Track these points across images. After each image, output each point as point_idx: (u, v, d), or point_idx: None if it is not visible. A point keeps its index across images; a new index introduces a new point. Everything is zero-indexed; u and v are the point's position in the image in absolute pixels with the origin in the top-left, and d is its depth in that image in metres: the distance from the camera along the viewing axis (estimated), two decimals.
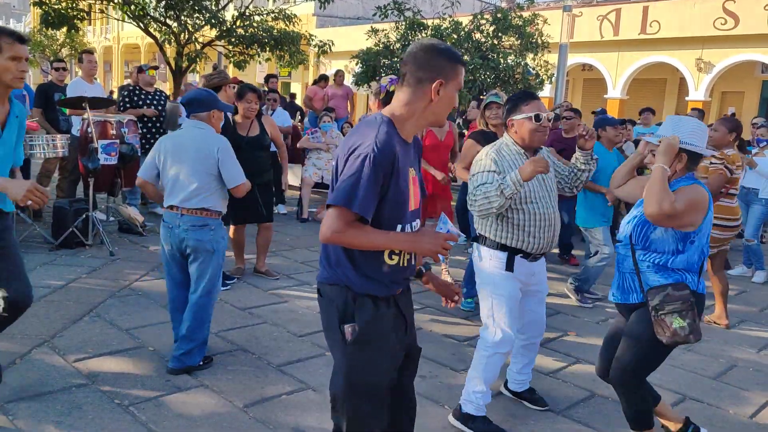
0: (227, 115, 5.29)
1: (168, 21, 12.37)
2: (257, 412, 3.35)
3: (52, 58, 16.98)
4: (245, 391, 3.57)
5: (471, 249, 3.66)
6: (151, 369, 3.77)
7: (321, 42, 12.99)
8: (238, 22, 12.60)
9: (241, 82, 5.77)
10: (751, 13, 14.58)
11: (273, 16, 12.87)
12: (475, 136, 5.02)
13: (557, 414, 3.55)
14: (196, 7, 12.04)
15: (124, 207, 7.09)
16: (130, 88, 7.95)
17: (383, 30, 11.77)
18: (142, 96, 7.78)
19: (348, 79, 14.13)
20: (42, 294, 4.80)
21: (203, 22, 12.33)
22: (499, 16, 11.12)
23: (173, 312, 3.92)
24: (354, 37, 16.77)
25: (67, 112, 7.39)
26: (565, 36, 12.22)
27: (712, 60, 15.97)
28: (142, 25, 12.45)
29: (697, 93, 16.28)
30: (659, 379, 3.87)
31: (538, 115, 3.23)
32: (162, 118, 7.83)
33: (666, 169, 2.81)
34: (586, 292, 5.69)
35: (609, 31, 17.18)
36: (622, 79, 17.74)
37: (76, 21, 11.92)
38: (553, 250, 3.72)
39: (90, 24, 32.37)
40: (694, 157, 2.90)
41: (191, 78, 18.55)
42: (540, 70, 11.50)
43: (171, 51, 13.21)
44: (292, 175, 9.72)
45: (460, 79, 2.16)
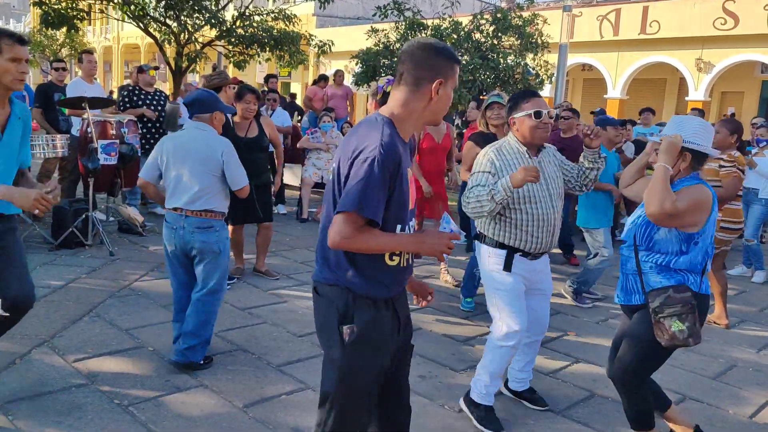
0: (227, 116, 5.29)
1: (168, 21, 12.36)
2: (257, 412, 3.35)
3: (52, 58, 16.95)
4: (245, 391, 3.57)
5: (474, 247, 3.66)
6: (150, 369, 3.77)
7: (321, 42, 12.98)
8: (238, 22, 12.59)
9: (242, 83, 5.78)
10: (750, 13, 14.58)
11: (273, 16, 12.85)
12: (474, 138, 5.05)
13: (557, 414, 3.55)
14: (196, 7, 12.02)
15: (123, 207, 7.10)
16: (130, 88, 7.95)
17: (383, 30, 11.75)
18: (142, 96, 7.79)
19: (348, 79, 14.12)
20: (42, 294, 4.80)
21: (203, 22, 12.32)
22: (498, 16, 11.10)
23: (177, 312, 3.92)
24: (354, 37, 16.76)
25: (66, 112, 7.39)
26: (565, 36, 12.21)
27: (712, 60, 15.98)
28: (141, 25, 12.44)
29: (696, 93, 16.28)
30: (659, 379, 3.83)
31: (538, 111, 3.23)
32: (161, 119, 7.83)
33: (668, 168, 2.80)
34: (585, 292, 5.69)
35: (609, 31, 17.18)
36: (622, 79, 17.74)
37: (75, 21, 11.91)
38: (555, 250, 3.70)
39: (90, 24, 32.37)
40: (699, 156, 2.87)
41: (191, 78, 18.56)
42: (540, 70, 11.48)
43: (171, 51, 13.20)
44: (292, 175, 9.72)
45: (456, 78, 2.17)
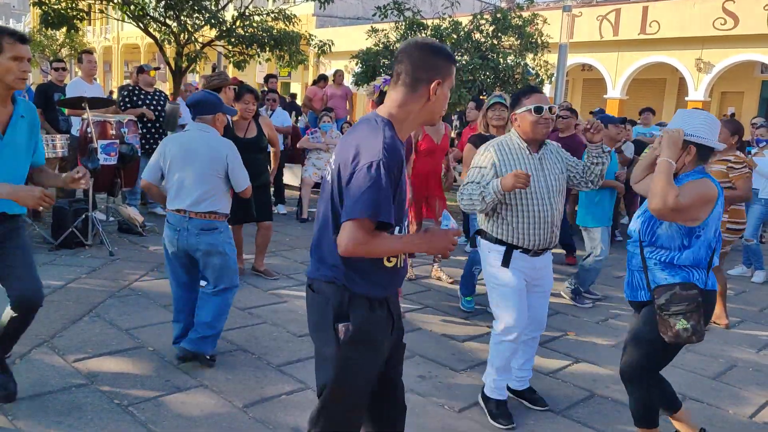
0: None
1: (168, 21, 12.36)
2: (257, 412, 3.35)
3: (52, 58, 16.94)
4: (245, 391, 3.57)
5: (477, 243, 3.67)
6: (150, 369, 3.77)
7: (321, 42, 12.99)
8: (238, 23, 12.59)
9: (242, 83, 5.78)
10: (750, 13, 14.58)
11: (273, 16, 12.86)
12: (473, 140, 5.07)
13: (557, 414, 3.55)
14: (196, 7, 12.02)
15: (123, 207, 7.10)
16: (130, 88, 7.95)
17: (383, 30, 11.75)
18: (142, 96, 7.78)
19: (348, 79, 14.13)
20: None
21: (203, 22, 12.32)
22: (498, 16, 11.10)
23: (177, 312, 3.92)
24: (354, 37, 16.76)
25: (66, 112, 7.39)
26: (565, 36, 12.20)
27: (712, 60, 15.98)
28: (141, 25, 12.44)
29: (696, 93, 16.28)
30: None
31: (538, 107, 3.24)
32: (161, 119, 7.83)
33: (671, 163, 2.78)
34: (585, 292, 5.69)
35: (609, 31, 17.18)
36: (621, 79, 17.74)
37: (75, 21, 11.90)
38: (557, 249, 3.69)
39: (90, 24, 32.36)
40: (704, 150, 2.84)
41: (191, 78, 18.55)
42: (540, 70, 11.49)
43: (171, 51, 13.20)
44: (292, 175, 9.72)
45: (453, 78, 2.17)
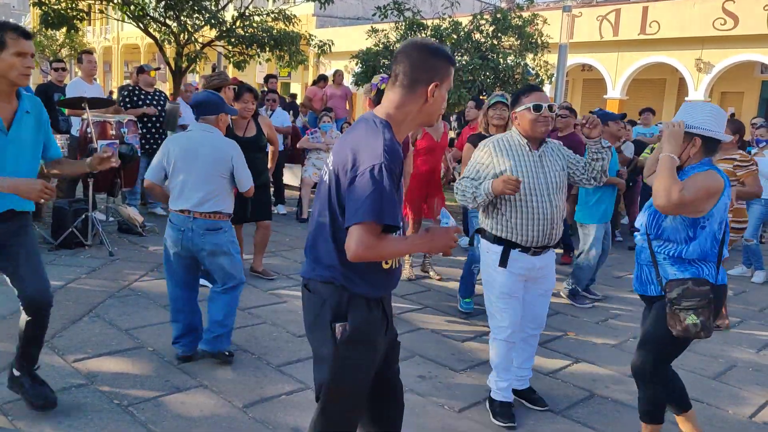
0: None
1: (168, 21, 12.36)
2: (257, 412, 3.35)
3: (52, 59, 16.96)
4: (245, 391, 3.57)
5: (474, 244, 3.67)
6: (150, 369, 3.77)
7: (321, 42, 12.99)
8: (238, 23, 12.59)
9: (241, 83, 5.77)
10: (750, 14, 14.58)
11: (273, 16, 12.86)
12: (472, 139, 5.08)
13: (557, 414, 3.55)
14: (196, 8, 12.03)
15: (123, 207, 7.10)
16: (130, 88, 7.95)
17: (383, 30, 11.76)
18: (142, 96, 7.79)
19: (348, 79, 14.13)
20: None
21: (203, 23, 12.32)
22: (498, 16, 11.11)
23: (175, 312, 3.92)
24: (354, 37, 16.76)
25: (66, 112, 7.39)
26: (565, 36, 12.19)
27: (712, 60, 15.97)
28: (141, 25, 12.44)
29: (696, 93, 16.27)
30: None
31: (537, 105, 3.25)
32: (161, 119, 7.84)
33: (673, 158, 2.77)
34: (586, 292, 5.68)
35: (609, 32, 17.18)
36: (621, 80, 17.74)
37: (75, 21, 11.91)
38: (558, 250, 3.68)
39: (89, 24, 32.35)
40: (710, 142, 2.83)
41: (191, 78, 18.55)
42: (540, 71, 11.50)
43: (171, 51, 13.20)
44: (292, 176, 9.72)
45: (452, 80, 2.18)
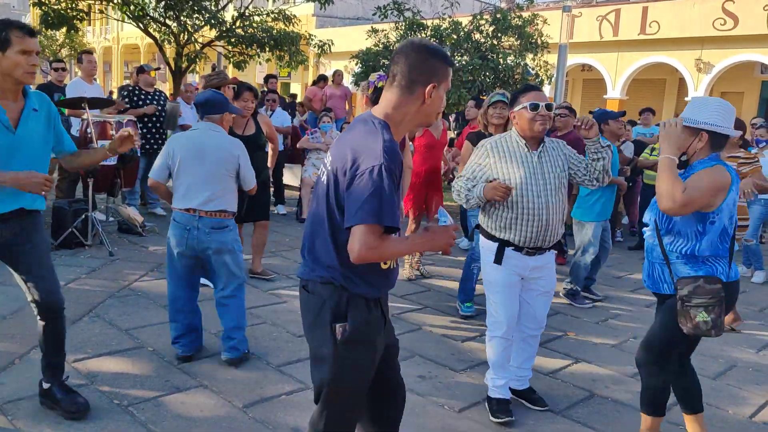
0: None
1: (167, 21, 12.37)
2: (257, 412, 3.35)
3: (52, 59, 16.96)
4: (245, 391, 3.57)
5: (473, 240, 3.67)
6: (150, 369, 3.77)
7: (320, 42, 12.99)
8: (238, 23, 12.61)
9: (241, 83, 5.77)
10: (750, 14, 14.59)
11: (273, 16, 12.87)
12: (471, 138, 5.09)
13: (557, 414, 3.55)
14: (196, 8, 12.04)
15: (123, 207, 7.09)
16: (130, 88, 7.95)
17: (383, 30, 11.76)
18: (142, 96, 7.79)
19: (347, 79, 14.13)
20: None
21: (203, 23, 12.34)
22: (498, 16, 11.11)
23: (174, 312, 3.92)
24: (354, 38, 16.77)
25: (66, 112, 7.39)
26: (565, 36, 12.20)
27: (712, 60, 15.98)
28: (141, 25, 12.45)
29: (696, 93, 16.27)
30: None
31: (533, 103, 3.25)
32: (162, 119, 7.83)
33: (672, 159, 2.76)
34: (587, 292, 5.66)
35: (608, 32, 17.19)
36: (621, 80, 17.75)
37: (75, 21, 11.92)
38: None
39: (89, 24, 32.36)
40: (718, 137, 2.81)
41: (191, 78, 18.56)
42: (539, 71, 11.49)
43: (170, 51, 13.21)
44: (292, 176, 9.72)
45: (450, 81, 2.18)
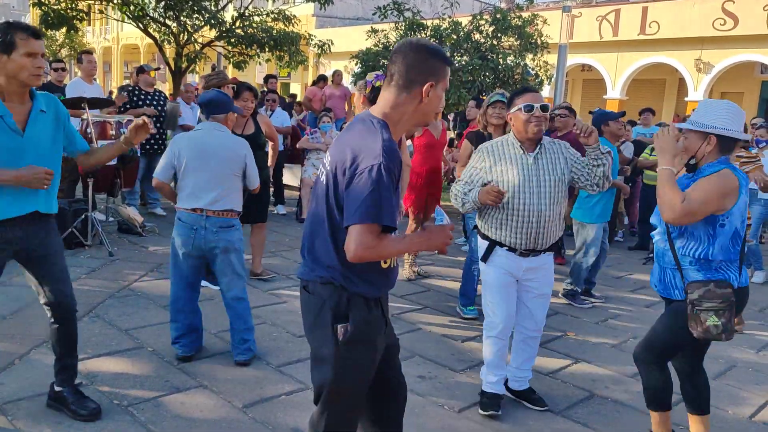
0: None
1: (167, 21, 12.38)
2: (256, 412, 3.35)
3: (51, 59, 16.94)
4: (244, 391, 3.57)
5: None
6: (150, 369, 3.77)
7: (320, 42, 13.00)
8: (238, 23, 12.61)
9: (241, 83, 5.77)
10: (750, 14, 14.60)
11: (272, 16, 12.88)
12: (470, 137, 5.09)
13: (556, 414, 3.55)
14: (196, 8, 12.05)
15: (123, 207, 7.09)
16: (130, 88, 7.95)
17: (383, 30, 11.78)
18: (142, 96, 7.79)
19: (347, 80, 14.14)
20: None
21: (203, 23, 12.35)
22: (498, 16, 11.12)
23: (174, 312, 3.91)
24: (353, 38, 16.78)
25: None
26: (565, 36, 12.21)
27: (712, 60, 15.99)
28: (141, 25, 12.46)
29: (696, 93, 16.29)
30: None
31: (528, 105, 3.26)
32: (162, 118, 7.83)
33: (670, 170, 2.75)
34: (587, 295, 5.65)
35: (608, 32, 17.20)
36: (621, 80, 17.76)
37: (75, 21, 11.93)
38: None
39: (89, 24, 32.36)
40: (727, 141, 2.79)
41: (190, 78, 18.56)
42: (539, 71, 11.50)
43: (170, 51, 13.22)
44: (291, 176, 9.72)
45: (448, 81, 2.18)
